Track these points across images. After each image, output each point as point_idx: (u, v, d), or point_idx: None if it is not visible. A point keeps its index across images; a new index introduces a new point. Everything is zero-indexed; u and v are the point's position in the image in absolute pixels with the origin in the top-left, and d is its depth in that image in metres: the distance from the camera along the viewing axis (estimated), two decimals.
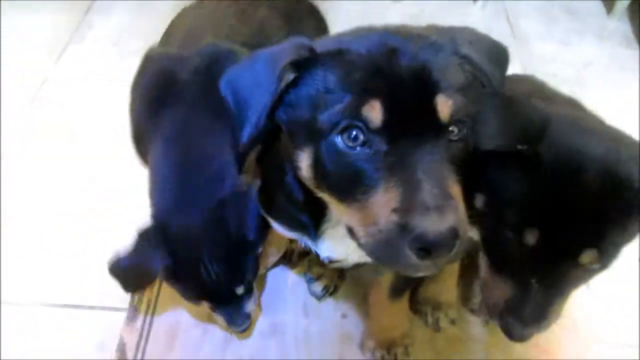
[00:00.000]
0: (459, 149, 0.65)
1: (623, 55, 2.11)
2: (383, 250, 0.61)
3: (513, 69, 0.88)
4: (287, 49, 0.67)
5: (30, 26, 2.09)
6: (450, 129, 0.64)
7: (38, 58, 1.96)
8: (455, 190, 0.62)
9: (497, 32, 2.17)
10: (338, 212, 0.70)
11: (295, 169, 0.71)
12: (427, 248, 0.57)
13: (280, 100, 0.68)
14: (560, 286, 0.71)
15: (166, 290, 1.27)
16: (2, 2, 2.15)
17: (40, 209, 1.51)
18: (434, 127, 0.62)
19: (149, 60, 1.11)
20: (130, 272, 0.92)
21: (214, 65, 0.98)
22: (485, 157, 0.72)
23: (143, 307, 1.24)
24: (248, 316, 1.05)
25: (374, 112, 0.60)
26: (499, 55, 0.79)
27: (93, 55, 1.98)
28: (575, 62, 2.06)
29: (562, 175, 0.69)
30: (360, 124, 0.61)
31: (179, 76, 1.01)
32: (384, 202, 0.60)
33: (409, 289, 1.08)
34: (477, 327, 1.19)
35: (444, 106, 0.62)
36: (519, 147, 0.69)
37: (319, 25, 1.37)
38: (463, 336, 1.17)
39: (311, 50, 0.67)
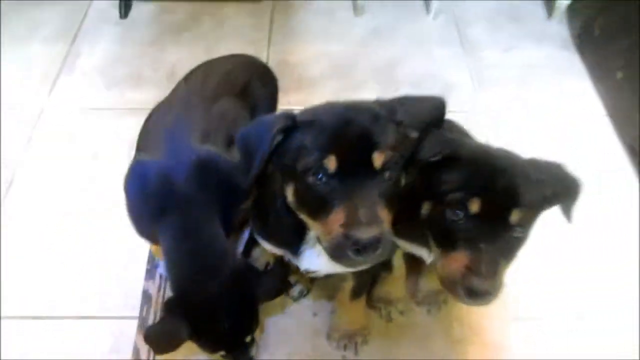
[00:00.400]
0: (389, 185, 0.92)
1: (560, 57, 2.33)
2: (335, 251, 0.89)
3: (462, 76, 1.13)
4: (279, 118, 0.94)
5: (21, 57, 2.26)
6: (382, 173, 0.90)
7: (32, 90, 2.13)
8: (383, 213, 0.89)
9: (448, 40, 2.39)
10: (311, 226, 0.97)
11: (284, 196, 0.99)
12: (359, 249, 0.85)
13: (274, 151, 0.94)
14: (502, 245, 0.94)
15: None
16: None
17: (47, 225, 1.72)
18: (371, 173, 0.89)
19: (142, 168, 1.26)
20: (162, 339, 1.13)
21: (203, 169, 1.20)
22: (426, 172, 0.98)
23: (151, 317, 1.48)
24: (251, 358, 1.28)
25: (331, 163, 0.88)
26: (433, 109, 1.03)
27: (82, 85, 2.16)
28: (517, 66, 2.28)
29: (481, 162, 0.97)
30: (323, 170, 0.88)
31: (176, 183, 1.18)
32: (336, 219, 0.87)
33: (365, 291, 1.35)
34: (421, 315, 1.46)
35: (377, 160, 0.89)
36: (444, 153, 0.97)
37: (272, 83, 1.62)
38: (410, 324, 1.44)
39: (294, 120, 0.93)
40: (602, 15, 2.18)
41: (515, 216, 0.91)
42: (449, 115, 1.07)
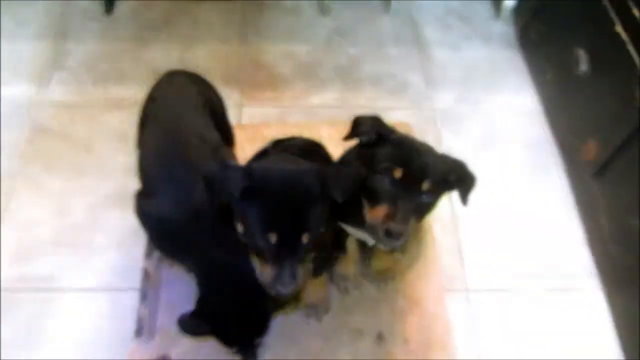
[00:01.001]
0: (307, 250, 1.16)
1: (504, 56, 2.59)
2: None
3: (415, 74, 1.88)
4: (237, 180, 1.13)
5: (9, 54, 2.40)
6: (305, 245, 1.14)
7: (23, 86, 2.31)
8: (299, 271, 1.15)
9: (404, 39, 2.64)
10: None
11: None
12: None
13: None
14: (413, 205, 1.20)
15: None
16: None
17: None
18: (299, 245, 1.13)
19: (157, 210, 1.39)
20: (188, 329, 1.35)
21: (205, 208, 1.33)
22: (365, 151, 1.28)
23: (150, 291, 1.73)
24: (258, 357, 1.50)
25: (273, 238, 1.12)
26: (349, 178, 1.26)
27: (70, 81, 2.35)
28: (463, 65, 2.55)
29: (405, 145, 1.26)
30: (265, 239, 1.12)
31: (195, 221, 1.33)
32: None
33: (324, 270, 1.65)
34: (371, 290, 1.77)
35: (305, 239, 1.13)
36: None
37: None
38: (362, 297, 1.74)
39: (251, 179, 1.13)
40: (536, 20, 2.45)
41: (425, 186, 1.21)
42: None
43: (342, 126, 1.34)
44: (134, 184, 1.82)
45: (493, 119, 2.35)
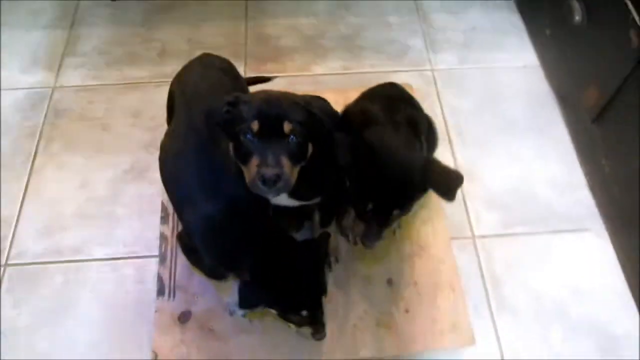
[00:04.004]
0: (293, 145, 1.26)
1: (501, 17, 2.65)
2: (251, 183, 1.23)
3: (417, 39, 2.09)
4: (227, 97, 1.30)
5: (26, 44, 2.53)
6: (290, 137, 1.25)
7: (41, 73, 2.42)
8: (285, 161, 1.23)
9: (406, 7, 2.70)
10: (244, 171, 1.30)
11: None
12: (265, 182, 1.20)
13: (225, 121, 1.30)
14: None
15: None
16: None
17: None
18: (281, 135, 1.25)
19: (206, 220, 1.41)
20: (257, 302, 1.40)
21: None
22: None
23: (168, 253, 1.82)
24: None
25: (254, 126, 1.23)
26: (328, 113, 1.39)
27: (86, 65, 2.46)
28: (463, 28, 2.61)
29: (382, 177, 1.37)
30: (250, 130, 1.24)
31: (245, 219, 1.40)
32: (254, 163, 1.23)
33: (332, 221, 1.73)
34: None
35: (286, 127, 1.25)
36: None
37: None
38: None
39: (237, 98, 1.29)
40: None
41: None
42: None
43: (347, 93, 1.41)
44: (149, 158, 1.95)
45: (493, 78, 2.41)
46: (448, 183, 1.39)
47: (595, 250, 1.91)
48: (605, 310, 1.79)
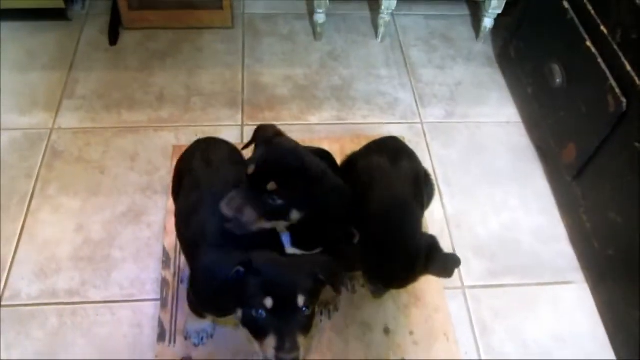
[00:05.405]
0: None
1: (485, 73, 2.81)
2: None
3: (406, 92, 2.14)
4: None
5: (23, 85, 2.55)
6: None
7: (39, 115, 2.45)
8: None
9: (394, 61, 2.84)
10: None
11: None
12: None
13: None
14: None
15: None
16: None
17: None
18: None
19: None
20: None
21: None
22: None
23: (170, 298, 1.86)
24: None
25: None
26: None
27: (84, 108, 2.49)
28: (449, 83, 2.76)
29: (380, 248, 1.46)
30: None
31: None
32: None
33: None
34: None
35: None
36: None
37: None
38: (369, 294, 1.86)
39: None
40: (515, 39, 2.66)
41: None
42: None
43: (341, 141, 1.48)
44: (146, 202, 2.02)
45: (479, 131, 2.54)
46: (446, 267, 1.48)
47: (577, 300, 2.01)
48: (587, 357, 1.88)
